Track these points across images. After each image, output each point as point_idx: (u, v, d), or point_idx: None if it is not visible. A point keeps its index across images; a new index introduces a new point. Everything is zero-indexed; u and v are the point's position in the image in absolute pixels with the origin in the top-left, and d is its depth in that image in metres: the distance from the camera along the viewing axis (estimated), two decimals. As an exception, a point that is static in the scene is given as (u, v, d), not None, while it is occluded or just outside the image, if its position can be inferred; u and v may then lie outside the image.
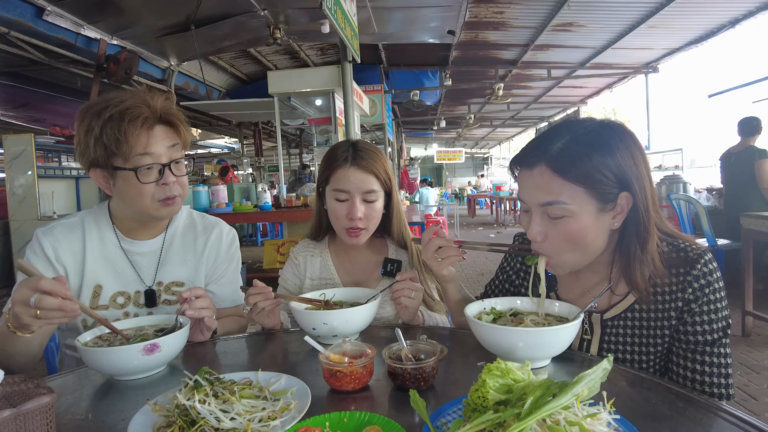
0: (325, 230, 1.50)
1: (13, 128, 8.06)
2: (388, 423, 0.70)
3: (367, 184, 1.34)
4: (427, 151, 25.09)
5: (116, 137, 1.10)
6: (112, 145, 1.11)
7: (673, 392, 0.80)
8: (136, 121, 1.12)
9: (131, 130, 1.11)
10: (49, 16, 4.27)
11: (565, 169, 0.88)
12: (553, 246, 0.94)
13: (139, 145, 1.13)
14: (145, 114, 1.13)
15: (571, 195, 0.89)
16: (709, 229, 4.47)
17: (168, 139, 1.19)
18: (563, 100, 11.13)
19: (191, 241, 1.37)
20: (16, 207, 5.26)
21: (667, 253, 0.96)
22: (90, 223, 1.29)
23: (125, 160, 1.14)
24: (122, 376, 0.96)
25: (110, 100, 1.15)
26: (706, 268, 0.93)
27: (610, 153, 0.89)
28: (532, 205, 0.94)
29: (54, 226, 1.28)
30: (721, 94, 7.67)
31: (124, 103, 1.13)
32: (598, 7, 5.48)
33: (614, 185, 0.89)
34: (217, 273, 1.39)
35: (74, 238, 1.27)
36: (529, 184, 0.94)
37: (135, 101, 1.14)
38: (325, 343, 0.94)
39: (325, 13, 3.12)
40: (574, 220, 0.90)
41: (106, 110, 1.12)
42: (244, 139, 11.66)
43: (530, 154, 0.94)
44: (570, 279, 1.08)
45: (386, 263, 1.40)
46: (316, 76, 5.46)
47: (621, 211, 0.92)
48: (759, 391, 2.67)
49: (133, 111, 1.12)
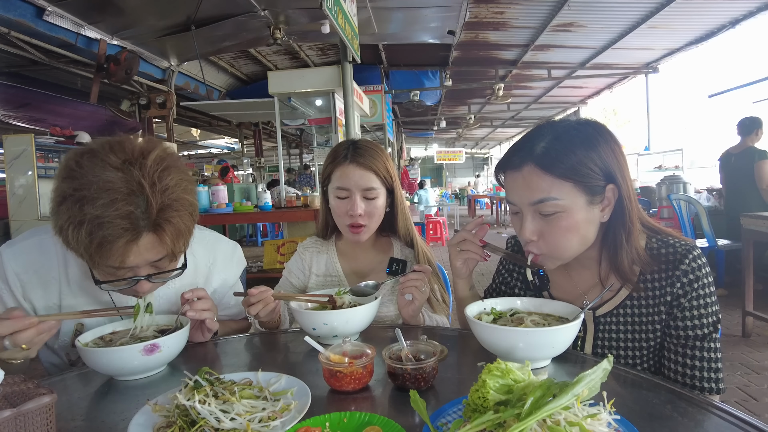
0: (332, 229, 1.50)
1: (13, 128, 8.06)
2: (388, 423, 0.70)
3: (367, 182, 1.35)
4: (427, 152, 25.09)
5: (79, 251, 0.88)
6: (76, 251, 0.89)
7: (673, 392, 0.80)
8: (109, 246, 0.85)
9: (98, 254, 0.86)
10: (49, 17, 4.27)
11: (552, 166, 0.91)
12: (548, 243, 0.96)
13: (109, 262, 0.89)
14: (126, 236, 0.86)
15: (560, 191, 0.91)
16: (709, 229, 4.47)
17: (155, 251, 0.92)
18: (563, 100, 11.14)
19: (190, 273, 1.19)
20: (16, 207, 5.26)
21: (656, 248, 0.98)
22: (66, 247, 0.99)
23: (92, 266, 0.95)
24: (122, 376, 0.96)
25: (95, 188, 0.84)
26: (694, 263, 0.94)
27: (592, 147, 0.92)
28: (523, 205, 0.96)
29: (20, 247, 1.09)
30: (722, 95, 7.67)
31: (108, 211, 0.83)
32: (598, 7, 5.49)
33: (600, 178, 0.92)
34: (226, 299, 1.33)
35: (47, 267, 1.08)
36: (518, 185, 0.95)
37: (122, 209, 0.84)
38: (325, 344, 0.94)
39: (326, 13, 3.12)
40: (567, 215, 0.92)
41: (82, 206, 0.84)
42: (245, 140, 11.67)
43: (515, 156, 0.96)
44: (562, 277, 1.10)
45: (391, 262, 1.40)
46: (316, 76, 5.46)
47: (609, 204, 0.95)
48: (759, 391, 2.67)
49: (110, 231, 0.84)
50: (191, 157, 18.84)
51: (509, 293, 1.22)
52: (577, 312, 0.94)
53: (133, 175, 0.87)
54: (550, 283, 1.11)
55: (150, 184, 0.87)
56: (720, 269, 4.56)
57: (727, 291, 4.40)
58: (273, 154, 15.55)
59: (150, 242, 0.90)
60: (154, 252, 0.92)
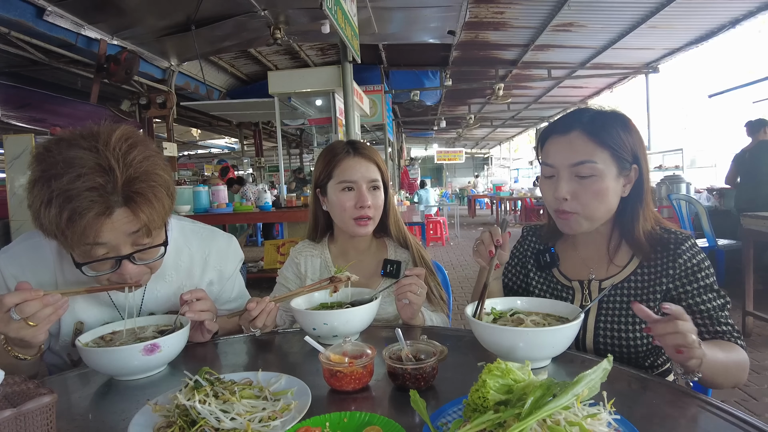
0: (323, 231, 1.50)
1: (13, 128, 8.06)
2: (389, 423, 0.70)
3: (372, 173, 1.38)
4: (427, 152, 25.08)
5: (53, 231, 0.87)
6: (50, 233, 0.89)
7: (674, 392, 0.80)
8: (79, 220, 0.85)
9: (70, 230, 0.86)
10: (49, 17, 4.27)
11: (598, 133, 1.03)
12: (581, 202, 1.05)
13: (84, 239, 0.88)
14: (95, 208, 0.85)
15: (600, 156, 1.03)
16: (710, 229, 4.48)
17: (131, 224, 0.91)
18: (563, 100, 11.13)
19: (186, 266, 1.22)
20: (16, 207, 5.26)
21: (659, 233, 1.09)
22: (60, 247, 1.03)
23: (70, 249, 0.93)
24: (122, 376, 0.96)
25: (63, 165, 0.86)
26: (694, 248, 1.06)
27: (627, 129, 1.06)
28: (563, 167, 1.06)
29: (16, 252, 1.09)
30: (722, 95, 7.66)
31: (75, 184, 0.84)
32: (599, 7, 5.49)
33: (629, 156, 1.05)
34: (226, 291, 1.32)
35: (41, 266, 1.09)
36: (563, 147, 1.06)
37: (89, 181, 0.85)
38: (325, 344, 0.94)
39: (326, 13, 3.12)
40: (601, 179, 1.03)
41: (50, 184, 0.85)
42: (245, 140, 11.67)
43: (563, 123, 1.08)
44: (571, 255, 1.20)
45: (386, 264, 1.40)
46: (316, 76, 5.47)
47: (630, 182, 1.07)
48: (759, 391, 2.67)
49: (79, 203, 0.84)
50: (191, 157, 18.84)
51: (523, 272, 1.30)
52: (577, 312, 0.94)
53: (100, 151, 0.88)
54: (560, 260, 1.20)
55: (116, 158, 0.88)
56: (720, 269, 4.56)
57: (727, 291, 4.39)
58: (273, 154, 15.55)
59: (124, 216, 0.90)
60: (128, 226, 0.91)
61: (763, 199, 4.40)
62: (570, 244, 1.21)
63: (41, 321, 0.88)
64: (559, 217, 1.10)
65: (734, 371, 0.96)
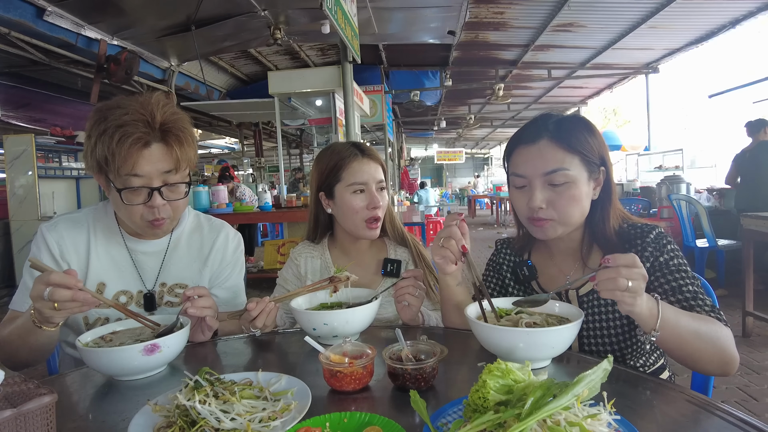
0: (323, 232, 1.51)
1: (13, 128, 8.06)
2: (389, 423, 0.70)
3: (379, 174, 1.41)
4: (427, 152, 25.08)
5: (105, 154, 1.07)
6: (102, 160, 1.08)
7: (674, 392, 0.80)
8: (126, 140, 1.06)
9: (119, 150, 1.05)
10: (49, 17, 4.27)
11: (566, 139, 1.03)
12: (557, 209, 1.05)
13: (127, 165, 1.07)
14: (138, 133, 1.07)
15: (571, 162, 1.03)
16: (710, 229, 4.48)
17: (164, 161, 1.12)
18: (563, 100, 11.14)
19: (197, 244, 1.36)
20: (16, 207, 5.27)
21: (626, 229, 1.11)
22: (95, 220, 1.29)
23: (115, 176, 1.11)
24: (122, 377, 0.96)
25: (115, 108, 1.10)
26: (659, 238, 1.05)
27: (592, 132, 1.07)
28: (535, 176, 1.05)
29: (58, 222, 1.28)
30: (722, 95, 7.67)
31: (124, 117, 1.07)
32: (599, 7, 5.49)
33: (597, 159, 1.06)
34: (222, 276, 1.38)
35: (79, 234, 1.26)
36: (533, 156, 1.05)
37: (135, 116, 1.08)
38: (325, 344, 0.93)
39: (326, 13, 3.12)
40: (575, 185, 1.04)
41: (106, 121, 1.08)
42: (245, 140, 11.66)
43: (529, 132, 1.07)
44: (547, 266, 1.19)
45: (386, 263, 1.40)
46: (316, 76, 5.47)
47: (599, 184, 1.09)
48: (759, 391, 2.66)
49: (126, 128, 1.06)
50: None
51: (500, 284, 1.28)
52: (578, 312, 0.94)
53: (142, 103, 1.11)
54: (537, 272, 1.19)
55: (155, 106, 1.11)
56: (720, 269, 4.56)
57: (727, 291, 4.40)
58: (273, 154, 15.54)
59: (159, 151, 1.11)
60: (162, 162, 1.11)
61: (763, 199, 4.40)
62: (545, 254, 1.20)
63: (64, 309, 0.95)
64: (534, 225, 1.08)
65: (710, 342, 0.90)
